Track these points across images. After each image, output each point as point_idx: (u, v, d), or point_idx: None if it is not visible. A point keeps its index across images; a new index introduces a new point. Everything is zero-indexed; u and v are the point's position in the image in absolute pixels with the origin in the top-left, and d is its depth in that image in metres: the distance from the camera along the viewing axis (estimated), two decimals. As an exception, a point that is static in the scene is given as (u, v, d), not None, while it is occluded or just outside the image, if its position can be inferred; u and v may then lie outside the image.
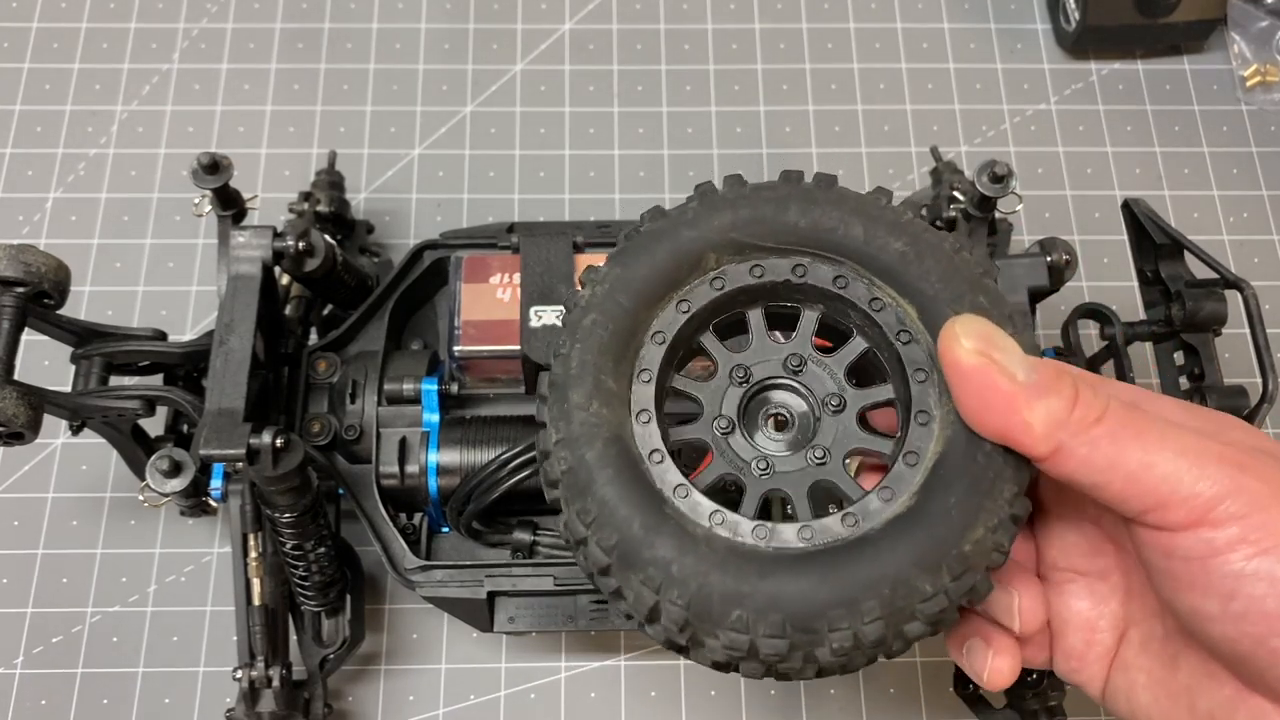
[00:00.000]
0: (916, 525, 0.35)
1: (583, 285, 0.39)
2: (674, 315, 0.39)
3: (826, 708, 0.63)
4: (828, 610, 0.34)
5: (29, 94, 0.79)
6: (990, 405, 0.33)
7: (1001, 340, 0.34)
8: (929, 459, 0.36)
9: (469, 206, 0.76)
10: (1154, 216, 0.56)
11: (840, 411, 0.39)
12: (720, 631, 0.34)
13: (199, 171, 0.54)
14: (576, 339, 0.38)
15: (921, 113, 0.80)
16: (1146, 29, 0.79)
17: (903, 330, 0.38)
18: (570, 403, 0.37)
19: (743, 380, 0.39)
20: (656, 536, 0.35)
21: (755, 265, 0.39)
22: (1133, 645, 0.38)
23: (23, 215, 0.75)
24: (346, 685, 0.63)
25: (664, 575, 0.34)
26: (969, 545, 0.34)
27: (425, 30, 0.82)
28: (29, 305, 0.51)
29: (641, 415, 0.38)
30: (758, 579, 0.34)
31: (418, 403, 0.56)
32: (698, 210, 0.39)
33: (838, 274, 0.38)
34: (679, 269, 0.39)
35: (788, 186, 0.39)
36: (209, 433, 0.48)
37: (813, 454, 0.38)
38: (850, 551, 0.35)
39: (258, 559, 0.53)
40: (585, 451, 0.36)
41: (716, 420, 0.39)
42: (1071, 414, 0.33)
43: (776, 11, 0.83)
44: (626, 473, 0.36)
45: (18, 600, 0.65)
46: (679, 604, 0.34)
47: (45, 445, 0.68)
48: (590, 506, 0.36)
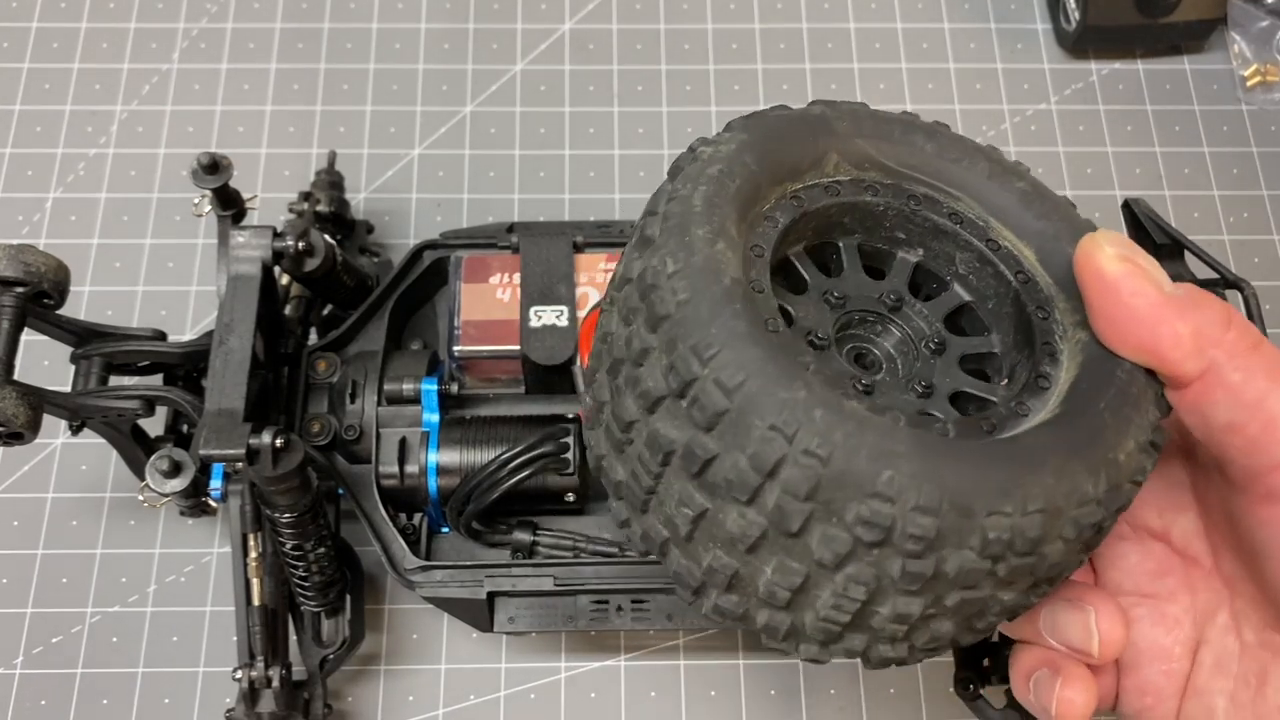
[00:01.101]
0: (1070, 428, 0.31)
1: (701, 143, 0.36)
2: (788, 205, 0.36)
3: (826, 707, 0.63)
4: (990, 490, 0.28)
5: (29, 94, 0.79)
6: (1138, 315, 0.31)
7: (1145, 254, 0.32)
8: (1062, 383, 0.33)
9: (469, 206, 0.76)
10: (1154, 216, 0.56)
11: (940, 353, 0.37)
12: (862, 500, 0.28)
13: (199, 171, 0.54)
14: (700, 183, 0.33)
15: (922, 112, 0.79)
16: (1147, 29, 0.79)
17: (1020, 271, 0.36)
18: (694, 236, 0.32)
19: (838, 304, 0.37)
20: (793, 379, 0.29)
21: (871, 186, 0.38)
22: (1204, 668, 0.34)
23: (22, 215, 0.75)
24: (346, 685, 0.63)
25: (804, 419, 0.28)
26: (1123, 455, 0.30)
27: (425, 30, 0.82)
28: (29, 305, 0.51)
29: (755, 249, 0.34)
30: (912, 444, 0.29)
31: (418, 403, 0.56)
32: (823, 111, 0.38)
33: (953, 212, 0.38)
34: (801, 158, 0.36)
35: (910, 118, 0.39)
36: (209, 433, 0.48)
37: (916, 385, 0.35)
38: (1002, 445, 0.30)
39: (257, 559, 0.53)
40: (712, 284, 0.31)
41: (810, 334, 0.35)
42: (1226, 331, 0.30)
43: (776, 11, 0.83)
44: (755, 315, 0.31)
45: (17, 600, 0.65)
46: (819, 454, 0.28)
47: (45, 445, 0.68)
48: (714, 339, 0.29)
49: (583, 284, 0.57)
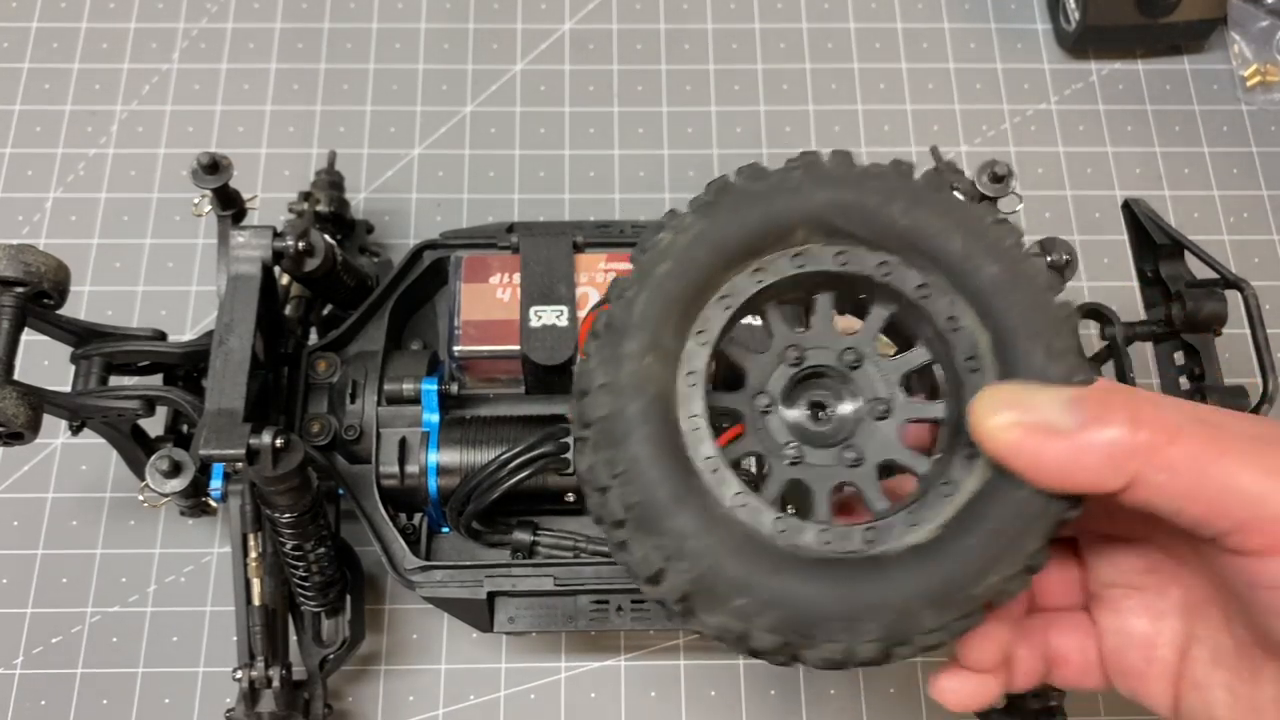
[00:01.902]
0: (933, 560, 0.34)
1: (662, 229, 0.37)
2: (747, 282, 0.37)
3: (826, 708, 0.63)
4: (829, 621, 0.33)
5: (29, 94, 0.79)
6: (1046, 469, 0.32)
7: (1030, 397, 0.32)
8: (964, 495, 0.35)
9: (469, 206, 0.76)
10: (1154, 216, 0.56)
11: (885, 419, 0.37)
12: (719, 612, 0.34)
13: (199, 171, 0.54)
14: (645, 285, 0.36)
15: (921, 113, 0.80)
16: (1146, 29, 0.79)
17: (972, 357, 0.36)
18: (624, 349, 0.35)
19: (795, 362, 0.38)
20: (680, 507, 0.34)
21: (842, 252, 0.37)
22: (1202, 662, 0.35)
23: (22, 215, 0.75)
24: (346, 685, 0.63)
25: (678, 547, 0.34)
26: (980, 589, 0.34)
27: (425, 30, 0.82)
28: (29, 305, 0.51)
29: (690, 377, 0.36)
30: (769, 573, 0.34)
31: (418, 403, 0.56)
32: (800, 180, 0.37)
33: (923, 282, 0.37)
34: (765, 238, 0.37)
35: (897, 179, 0.37)
36: (209, 433, 0.48)
37: (847, 454, 0.37)
38: (865, 568, 0.34)
39: (257, 559, 0.53)
40: (629, 403, 0.35)
41: (759, 395, 0.38)
42: (1136, 438, 0.30)
43: (776, 11, 0.83)
44: (663, 435, 0.35)
45: (17, 600, 0.65)
46: (685, 576, 0.34)
47: (45, 445, 0.68)
48: (620, 460, 0.34)
49: (583, 284, 0.57)
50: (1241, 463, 0.30)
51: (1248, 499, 0.30)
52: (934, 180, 0.37)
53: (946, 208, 0.37)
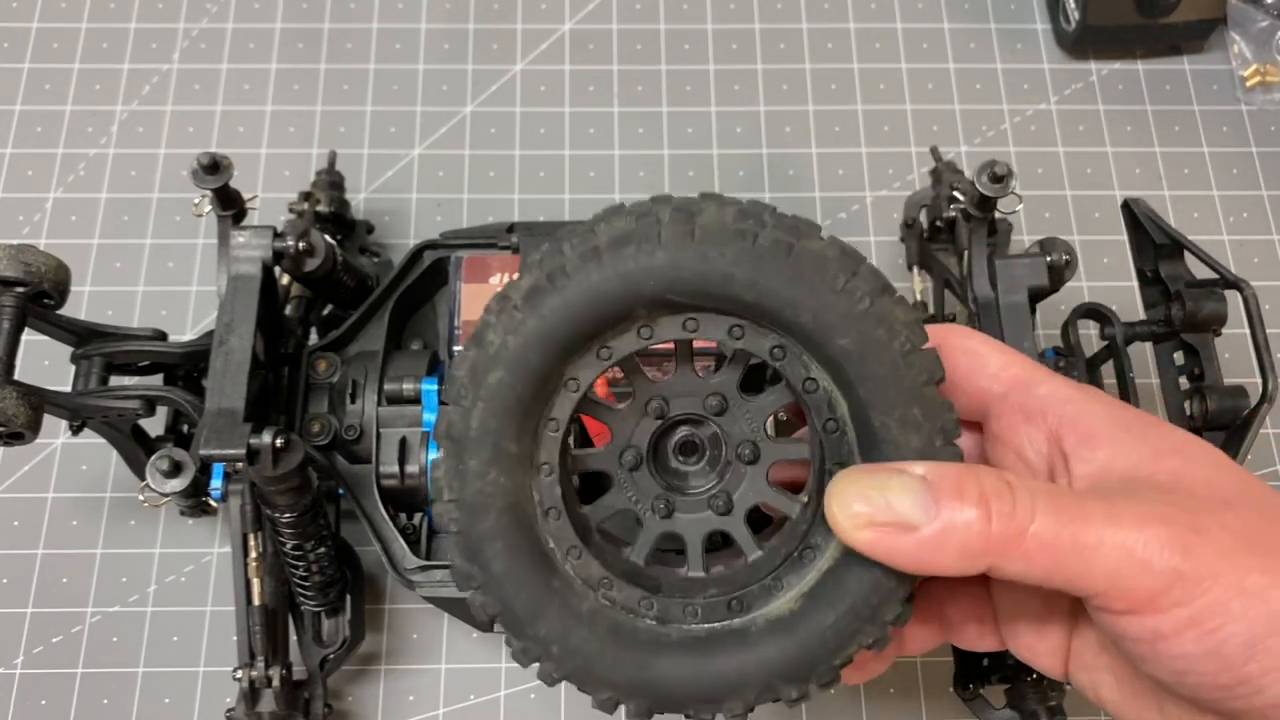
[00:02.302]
0: (794, 637, 0.35)
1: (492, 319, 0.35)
2: (593, 363, 0.36)
3: (826, 708, 0.63)
4: (694, 703, 0.35)
5: (29, 94, 0.79)
6: (901, 562, 0.32)
7: (881, 492, 0.32)
8: (826, 558, 0.35)
9: (469, 206, 0.76)
10: (1154, 216, 0.56)
11: (753, 463, 0.37)
12: (594, 697, 0.36)
13: (199, 171, 0.54)
14: (480, 396, 0.35)
15: (921, 113, 0.80)
16: (1146, 29, 0.79)
17: (830, 419, 0.35)
18: (467, 468, 0.35)
19: (659, 414, 0.38)
20: (539, 617, 0.35)
21: (690, 319, 0.36)
22: (1090, 643, 0.37)
23: (23, 215, 0.75)
24: (346, 685, 0.63)
25: (542, 651, 0.36)
26: (839, 660, 0.35)
27: (425, 30, 0.82)
28: (29, 305, 0.51)
29: (543, 469, 0.36)
30: (634, 669, 0.35)
31: (418, 403, 0.56)
32: (634, 258, 0.34)
33: (777, 345, 0.36)
34: (604, 322, 0.35)
35: (741, 245, 0.34)
36: (209, 433, 0.48)
37: (716, 503, 0.37)
38: (728, 645, 0.35)
39: (258, 559, 0.53)
40: (477, 522, 0.35)
41: (626, 451, 0.38)
42: (990, 531, 0.31)
43: (776, 11, 0.83)
44: (518, 543, 0.35)
45: (18, 600, 0.65)
46: (555, 675, 0.36)
47: (45, 445, 0.68)
48: (477, 574, 0.35)
49: (583, 284, 0.57)
50: (1098, 539, 0.31)
51: (1103, 571, 0.31)
52: (782, 241, 0.34)
53: (793, 275, 0.34)
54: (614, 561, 0.37)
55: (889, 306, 0.34)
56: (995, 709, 0.55)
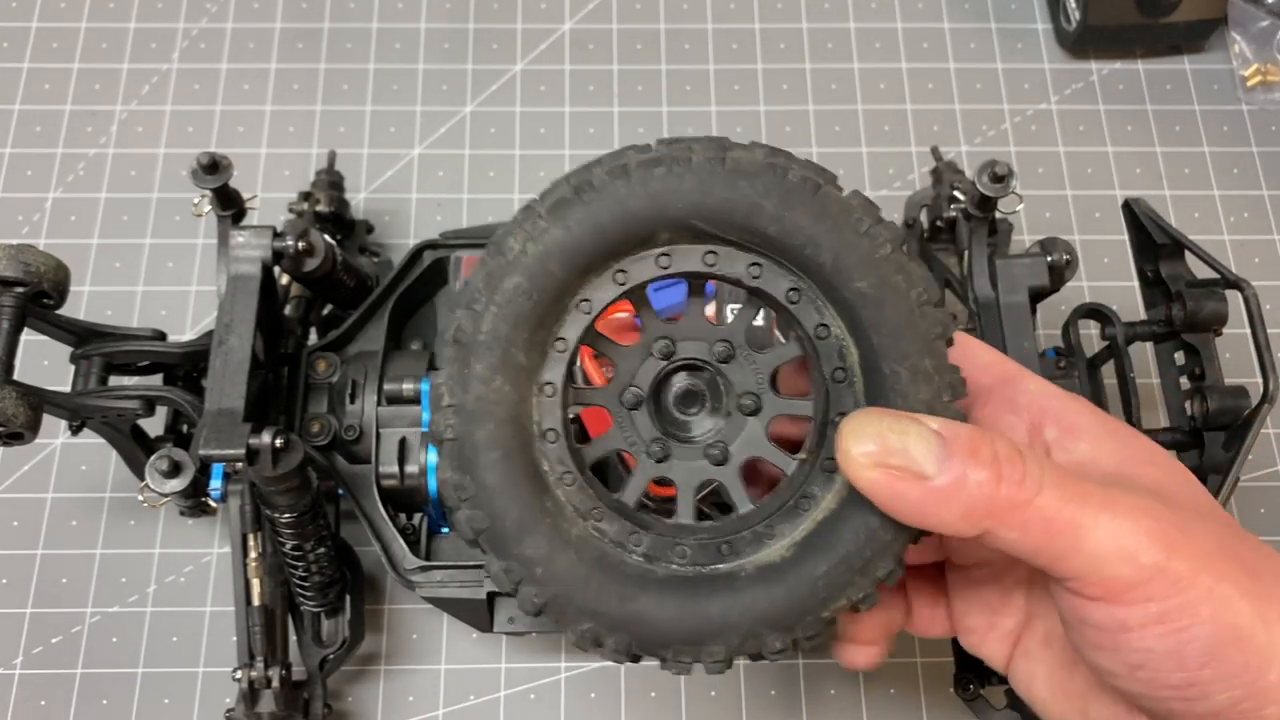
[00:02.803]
0: (783, 585, 0.34)
1: (514, 227, 0.35)
2: (609, 286, 0.36)
3: (826, 707, 0.63)
4: (675, 644, 0.34)
5: (28, 94, 0.79)
6: (902, 509, 0.32)
7: (899, 437, 0.32)
8: (822, 510, 0.35)
9: (469, 206, 0.76)
10: (1154, 216, 0.56)
11: (754, 414, 0.37)
12: (570, 630, 0.34)
13: (198, 171, 0.54)
14: (494, 300, 0.35)
15: (921, 113, 0.80)
16: (1147, 29, 0.79)
17: (839, 368, 0.35)
18: (472, 371, 0.34)
19: (665, 354, 0.37)
20: (528, 535, 0.34)
21: (710, 253, 0.36)
22: (1036, 635, 0.38)
23: (22, 215, 0.75)
24: (346, 685, 0.63)
25: (526, 573, 0.34)
26: (827, 612, 0.34)
27: (425, 30, 0.82)
28: (28, 305, 0.51)
29: (546, 388, 0.36)
30: (617, 601, 0.34)
31: (417, 403, 0.56)
32: (663, 179, 0.35)
33: (793, 287, 0.35)
34: (625, 243, 0.35)
35: (771, 178, 0.34)
36: (208, 433, 0.48)
37: (712, 451, 0.37)
38: (714, 588, 0.34)
39: (257, 559, 0.53)
40: (475, 429, 0.34)
41: (627, 390, 0.37)
42: (997, 493, 0.31)
43: (776, 11, 0.83)
44: (514, 457, 0.34)
45: (17, 600, 0.65)
46: (536, 600, 0.34)
47: (45, 445, 0.68)
48: (468, 485, 0.34)
49: (583, 284, 0.57)
50: (1093, 523, 0.31)
51: (1089, 556, 0.31)
52: (810, 179, 0.35)
53: (818, 213, 0.34)
54: (606, 497, 0.36)
55: (905, 260, 0.34)
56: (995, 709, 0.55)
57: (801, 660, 0.64)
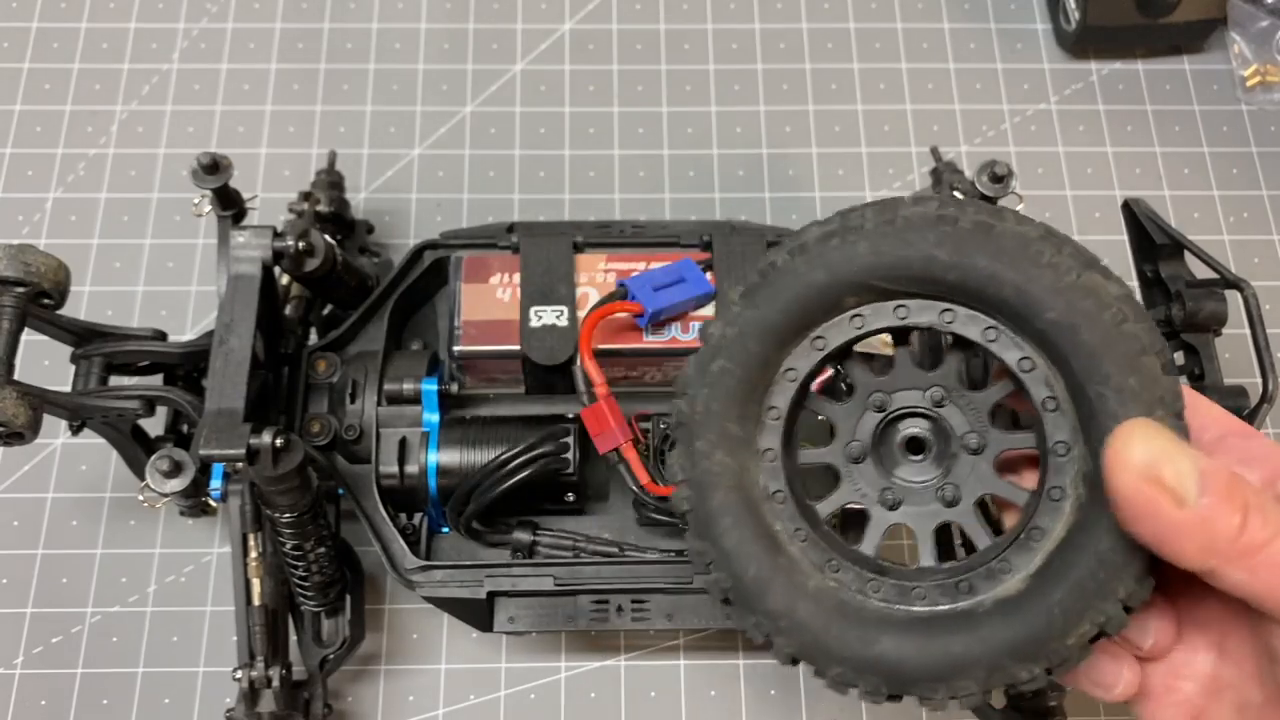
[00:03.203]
0: (1021, 616, 0.35)
1: (715, 318, 0.39)
2: (809, 352, 0.38)
3: (826, 707, 0.63)
4: (923, 681, 0.35)
5: (29, 94, 0.79)
6: (1148, 530, 0.32)
7: (1174, 458, 0.32)
8: (1052, 540, 0.35)
9: (469, 206, 0.76)
10: (1154, 216, 0.56)
11: (978, 453, 0.38)
12: (825, 674, 0.36)
13: (199, 171, 0.54)
14: (704, 383, 0.38)
15: (921, 113, 0.80)
16: (1146, 29, 0.79)
17: (1050, 398, 0.36)
18: (695, 449, 0.37)
19: (880, 408, 0.39)
20: (767, 590, 0.36)
21: (900, 306, 0.37)
22: (1226, 708, 0.36)
23: (22, 215, 0.75)
24: (346, 685, 0.63)
25: (773, 626, 0.36)
26: (1072, 639, 0.34)
27: (425, 30, 0.82)
28: (29, 305, 0.51)
29: (767, 454, 0.38)
30: (859, 645, 0.35)
31: (418, 403, 0.56)
32: (839, 248, 0.37)
33: (989, 326, 0.36)
34: (815, 312, 0.38)
35: (943, 227, 0.36)
36: (209, 433, 0.48)
37: (943, 493, 0.38)
38: (955, 626, 0.35)
39: (257, 559, 0.53)
40: (707, 499, 0.37)
41: (850, 445, 0.39)
42: (1240, 538, 0.31)
43: (776, 11, 0.83)
44: (745, 520, 0.37)
45: (17, 600, 0.65)
46: (788, 650, 0.36)
47: (45, 445, 0.68)
48: (709, 551, 0.37)
49: (583, 284, 0.57)
50: None
51: None
52: (983, 222, 0.36)
53: (995, 253, 0.35)
54: (841, 549, 0.38)
55: (1098, 280, 0.35)
56: (995, 709, 0.55)
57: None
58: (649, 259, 0.58)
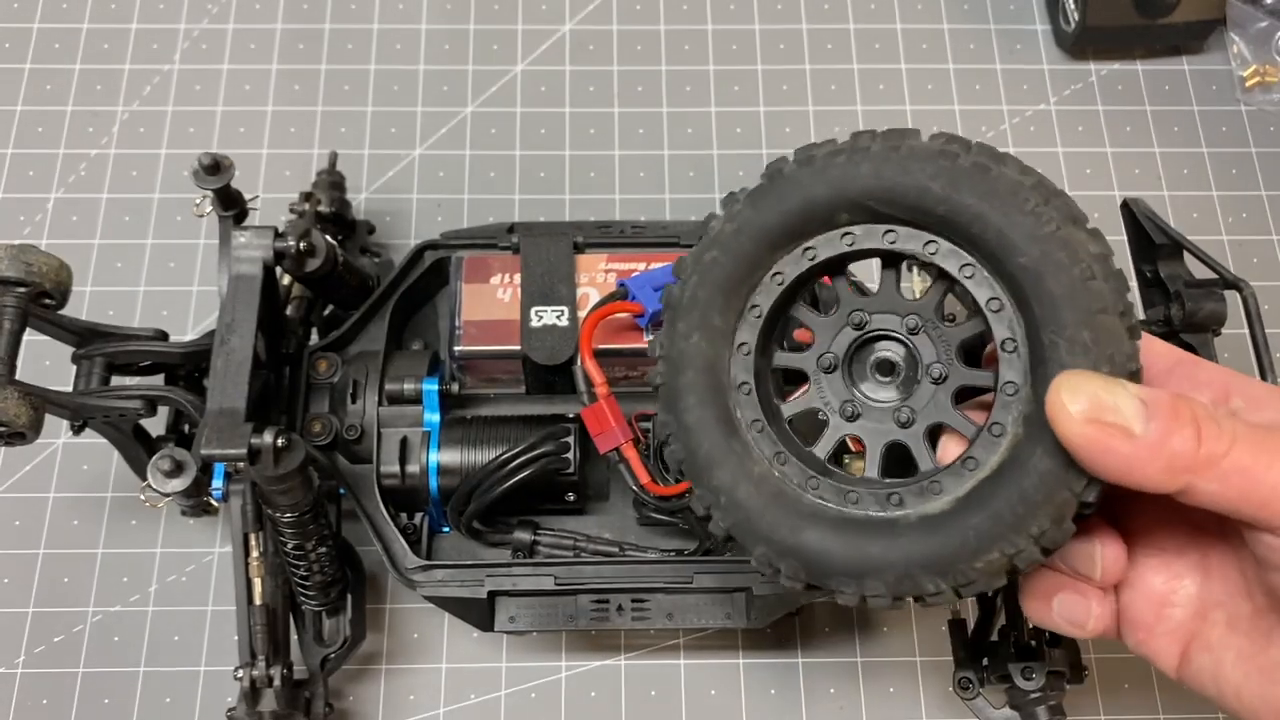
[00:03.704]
0: (939, 534, 0.36)
1: (720, 212, 0.41)
2: (799, 260, 0.40)
3: (826, 707, 0.63)
4: (838, 575, 0.37)
5: (30, 94, 0.79)
6: (1109, 467, 0.33)
7: (1110, 395, 0.33)
8: (985, 470, 0.36)
9: (469, 207, 0.76)
10: (1153, 216, 0.56)
11: (940, 383, 0.39)
12: (751, 552, 0.39)
13: (200, 172, 0.54)
14: (695, 270, 0.40)
15: (921, 113, 0.80)
16: (1146, 29, 0.79)
17: (1009, 339, 0.37)
18: (676, 330, 0.40)
19: (858, 325, 0.40)
20: (716, 468, 0.39)
21: (890, 231, 0.39)
22: (1218, 626, 0.37)
23: (24, 215, 0.75)
24: (347, 685, 0.63)
25: (713, 500, 0.39)
26: (980, 563, 0.36)
27: (425, 31, 0.82)
28: (30, 305, 0.51)
29: (742, 348, 0.40)
30: (788, 531, 0.38)
31: (418, 403, 0.56)
32: (843, 165, 0.39)
33: (966, 263, 0.38)
34: (809, 223, 0.39)
35: (942, 161, 0.37)
36: (210, 433, 0.48)
37: (900, 415, 0.39)
38: (878, 531, 0.37)
39: (259, 558, 0.54)
40: (679, 375, 0.40)
41: (823, 355, 0.41)
42: (1198, 451, 0.32)
43: (776, 12, 0.83)
44: (708, 401, 0.40)
45: (19, 600, 0.65)
46: (723, 525, 0.39)
47: (46, 445, 0.69)
48: (671, 422, 0.40)
49: (583, 284, 0.58)
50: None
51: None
52: (981, 163, 0.37)
53: (985, 194, 0.37)
54: (793, 445, 0.40)
55: (1077, 235, 0.36)
56: (995, 709, 0.55)
57: (801, 660, 0.64)
58: (649, 259, 0.58)
